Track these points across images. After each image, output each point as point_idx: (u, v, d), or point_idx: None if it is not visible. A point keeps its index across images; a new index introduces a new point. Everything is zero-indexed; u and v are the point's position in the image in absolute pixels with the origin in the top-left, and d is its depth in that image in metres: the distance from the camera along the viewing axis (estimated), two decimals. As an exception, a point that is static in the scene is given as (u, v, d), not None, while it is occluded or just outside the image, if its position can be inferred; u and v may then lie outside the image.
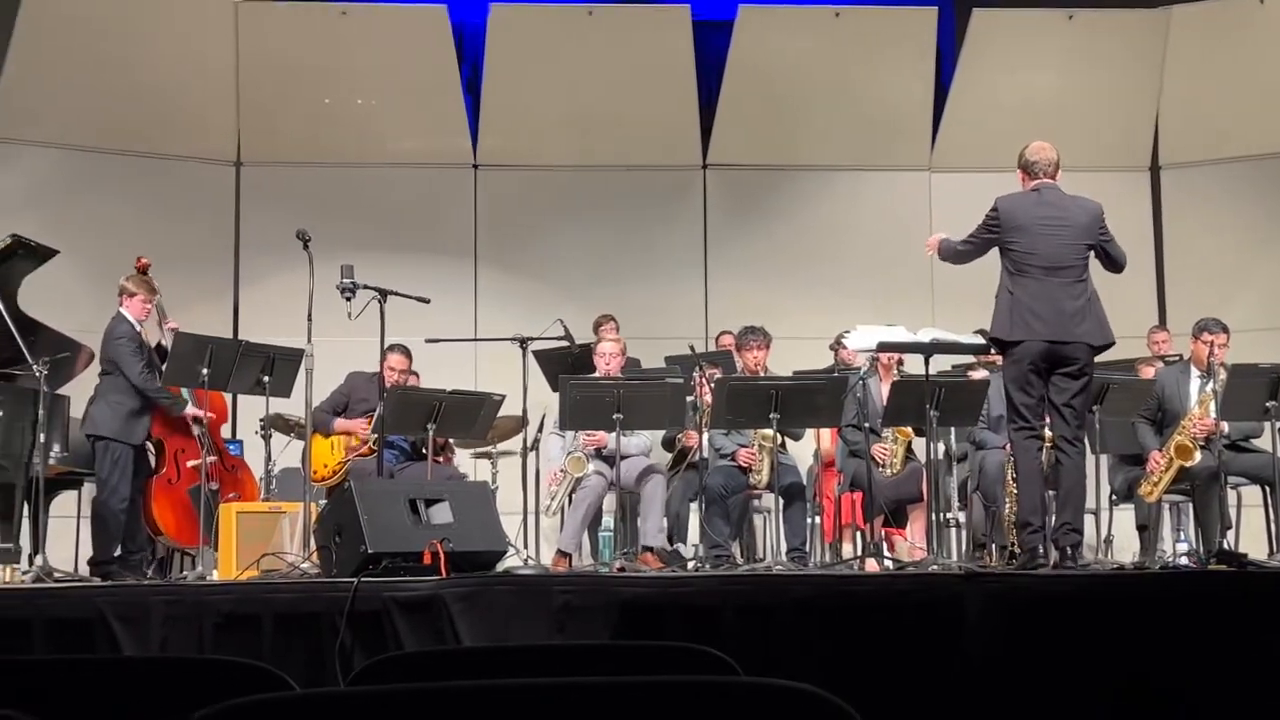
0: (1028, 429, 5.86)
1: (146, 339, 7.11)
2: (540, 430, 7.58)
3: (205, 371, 6.58)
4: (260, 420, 7.27)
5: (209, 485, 6.72)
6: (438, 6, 10.06)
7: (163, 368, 6.90)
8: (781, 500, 6.98)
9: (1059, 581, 5.16)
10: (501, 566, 5.96)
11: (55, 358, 6.69)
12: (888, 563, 6.65)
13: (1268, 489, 7.12)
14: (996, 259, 5.99)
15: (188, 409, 7.09)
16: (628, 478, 7.17)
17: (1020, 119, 9.87)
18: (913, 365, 7.12)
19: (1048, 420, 5.99)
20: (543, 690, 1.68)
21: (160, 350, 7.11)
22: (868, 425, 6.97)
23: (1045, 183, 5.95)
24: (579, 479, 7.23)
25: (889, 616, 4.81)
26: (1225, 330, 7.18)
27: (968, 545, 7.28)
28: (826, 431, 7.51)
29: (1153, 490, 7.10)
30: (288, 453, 7.84)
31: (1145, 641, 4.63)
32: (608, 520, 7.38)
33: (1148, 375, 7.75)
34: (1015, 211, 5.89)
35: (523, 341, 7.17)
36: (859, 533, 7.27)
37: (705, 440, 7.14)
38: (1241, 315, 8.73)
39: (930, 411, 6.34)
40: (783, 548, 6.91)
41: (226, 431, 8.32)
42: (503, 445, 8.06)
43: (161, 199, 9.87)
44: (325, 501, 6.64)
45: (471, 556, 5.64)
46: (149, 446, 7.11)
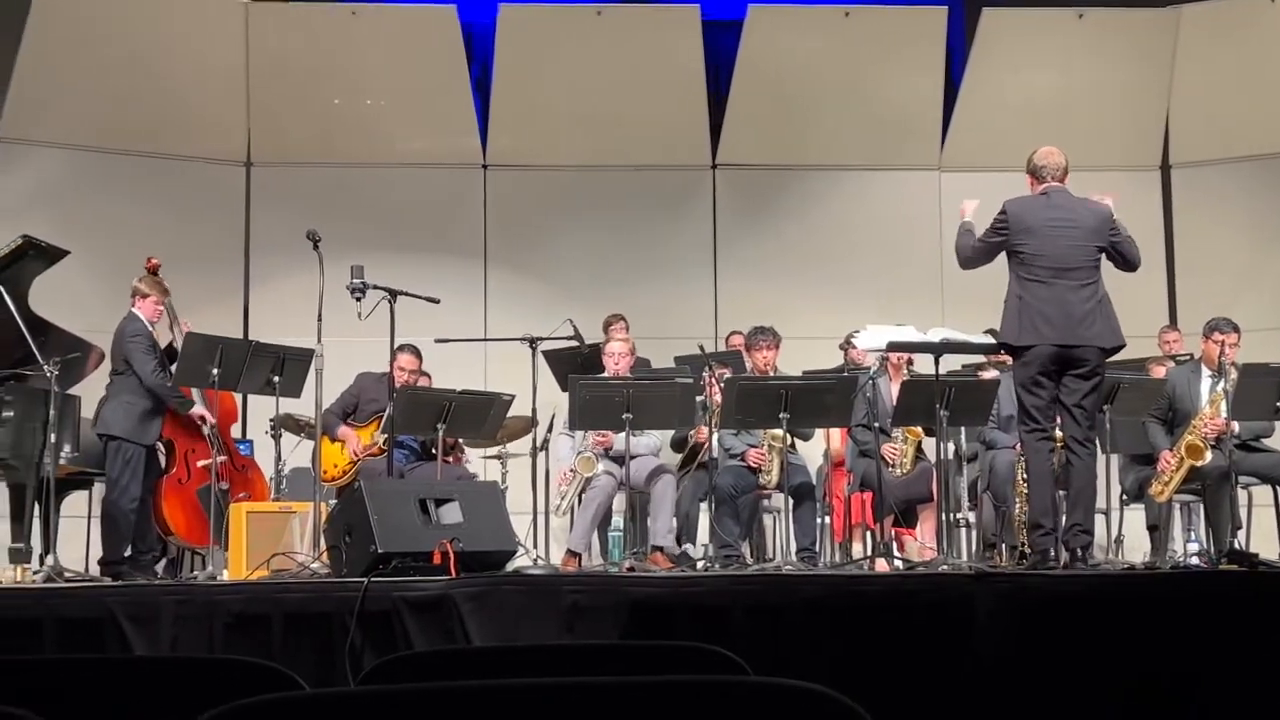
0: (1039, 430, 5.86)
1: (157, 339, 7.13)
2: (550, 430, 7.58)
3: (216, 371, 6.59)
4: (270, 420, 7.28)
5: (219, 485, 6.73)
6: (447, 7, 10.06)
7: (172, 368, 6.92)
8: (791, 500, 6.98)
9: (1069, 581, 5.15)
10: (511, 566, 5.97)
11: (66, 358, 6.70)
12: (898, 563, 6.64)
13: (1278, 489, 7.10)
14: (1005, 260, 5.99)
15: (195, 409, 7.10)
16: (637, 478, 7.17)
17: (1030, 118, 9.86)
18: (922, 365, 7.11)
19: (1058, 421, 5.98)
20: (552, 690, 1.68)
21: (171, 351, 7.13)
22: (877, 425, 6.96)
23: (1054, 186, 5.95)
24: (589, 479, 7.24)
25: (899, 616, 4.80)
26: (1236, 330, 7.17)
27: (978, 545, 7.27)
28: (836, 431, 7.50)
29: (1163, 490, 7.09)
30: (298, 452, 7.85)
31: (1156, 641, 4.62)
32: (617, 520, 7.38)
33: (1158, 375, 7.73)
34: (1023, 214, 5.88)
35: (532, 341, 7.18)
36: (869, 533, 7.26)
37: (715, 440, 7.14)
38: (1252, 314, 8.70)
39: (940, 411, 6.34)
40: (792, 548, 6.91)
41: (236, 431, 8.33)
42: (512, 445, 8.07)
43: (171, 199, 9.89)
44: (335, 501, 6.65)
45: (481, 556, 5.64)
46: (159, 446, 7.13)
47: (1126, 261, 5.98)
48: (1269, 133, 10.22)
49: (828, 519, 7.63)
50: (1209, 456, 6.89)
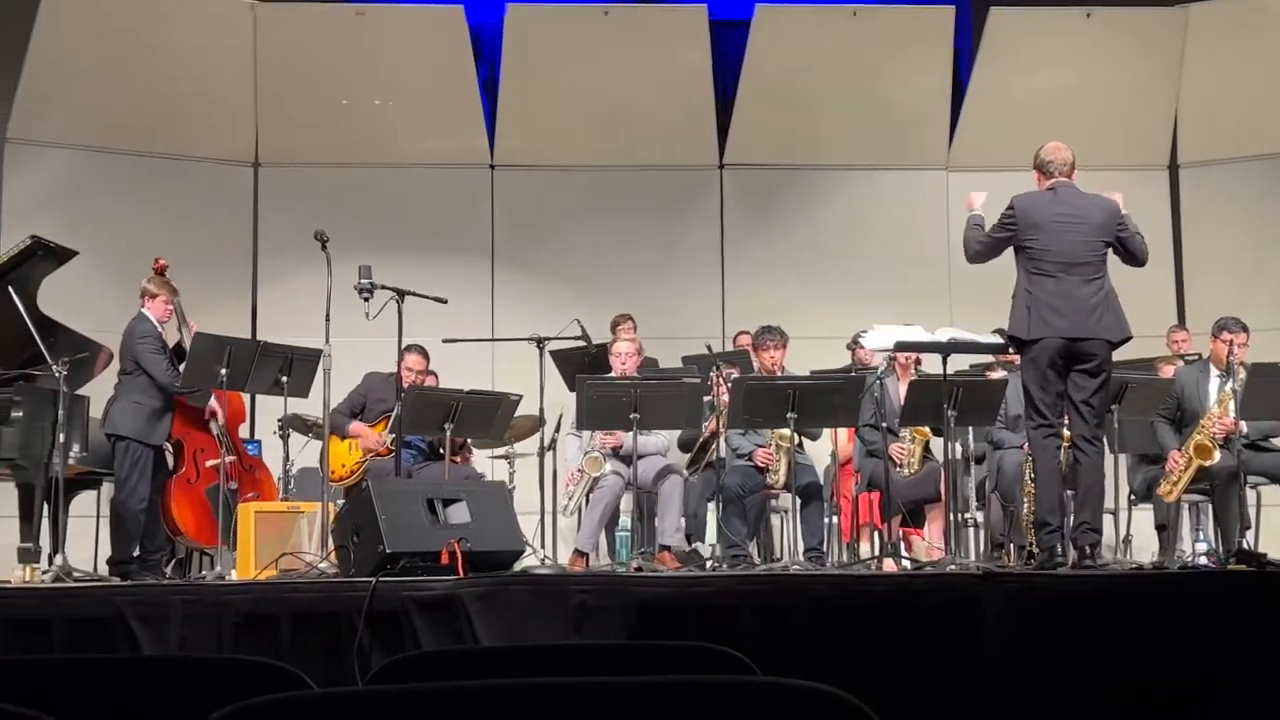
0: (1046, 427, 5.85)
1: (166, 339, 7.15)
2: (557, 430, 7.58)
3: (224, 372, 6.61)
4: (278, 420, 7.29)
5: (228, 485, 6.74)
6: (455, 7, 10.07)
7: (180, 368, 6.93)
8: (799, 500, 6.97)
9: (1077, 581, 5.15)
10: (519, 566, 5.97)
11: (75, 358, 6.70)
12: (905, 563, 6.64)
13: (1288, 488, 7.09)
14: (1013, 258, 5.98)
15: (210, 403, 7.12)
16: (645, 477, 7.17)
17: (1038, 117, 9.84)
18: (930, 365, 7.11)
19: (1066, 419, 5.98)
20: (560, 689, 1.68)
21: (180, 351, 7.14)
22: (885, 425, 6.96)
23: (1061, 181, 5.95)
24: (596, 479, 7.24)
25: (906, 616, 4.80)
26: (1245, 329, 7.15)
27: (985, 545, 7.26)
28: (844, 431, 7.50)
29: (1172, 490, 7.08)
30: (306, 452, 7.86)
31: (1164, 642, 4.61)
32: (625, 520, 7.39)
33: (1167, 374, 7.71)
34: (1031, 209, 5.88)
35: (540, 341, 7.18)
36: (876, 532, 7.26)
37: (722, 440, 7.13)
38: (1261, 314, 8.68)
39: (948, 411, 6.33)
40: (800, 547, 6.91)
41: (244, 431, 8.34)
42: (520, 445, 8.07)
43: (180, 200, 9.90)
44: (343, 501, 6.65)
45: (489, 556, 5.65)
46: (167, 447, 7.15)
47: (1133, 256, 5.97)
48: (1278, 132, 10.19)
49: (835, 519, 7.63)
50: (1218, 456, 6.88)
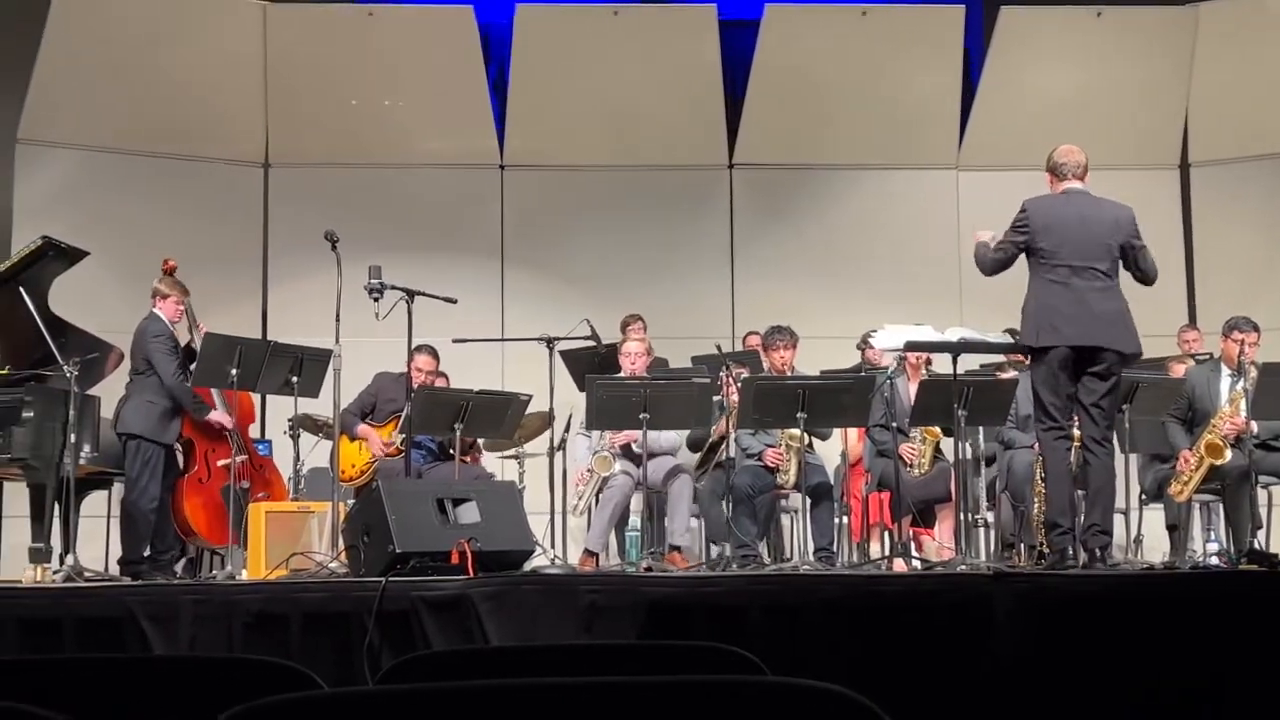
0: (1056, 428, 5.83)
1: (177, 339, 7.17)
2: (567, 430, 7.58)
3: (234, 372, 6.62)
4: (289, 420, 7.30)
5: (239, 484, 6.75)
6: (464, 7, 10.07)
7: (191, 368, 6.95)
8: (809, 500, 6.97)
9: (1088, 581, 5.13)
10: (529, 566, 5.97)
11: (85, 358, 6.72)
12: (915, 563, 6.63)
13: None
14: (1024, 261, 5.96)
15: (212, 415, 7.10)
16: (655, 477, 7.17)
17: (1048, 117, 9.83)
18: (941, 365, 7.09)
19: (1076, 420, 5.96)
20: (570, 689, 1.68)
21: (189, 352, 7.15)
22: (895, 425, 6.95)
23: (1074, 185, 5.93)
24: (606, 478, 7.24)
25: (917, 617, 4.79)
26: (1256, 328, 7.14)
27: (996, 545, 7.25)
28: (854, 431, 7.49)
29: (1183, 490, 7.06)
30: (316, 452, 7.87)
31: (1175, 642, 4.60)
32: (634, 520, 7.38)
33: (1177, 374, 7.70)
34: (1044, 213, 5.86)
35: (549, 341, 7.18)
36: (887, 532, 7.25)
37: (732, 440, 7.13)
38: (1272, 313, 8.65)
39: (958, 411, 6.32)
40: (810, 547, 6.90)
41: (255, 431, 8.36)
42: (530, 445, 8.07)
43: (190, 200, 9.92)
44: (353, 501, 6.66)
45: (499, 556, 5.65)
46: (177, 446, 7.16)
47: (1143, 273, 5.92)
48: (1289, 131, 10.18)
49: (845, 519, 7.62)
50: (1229, 455, 6.86)
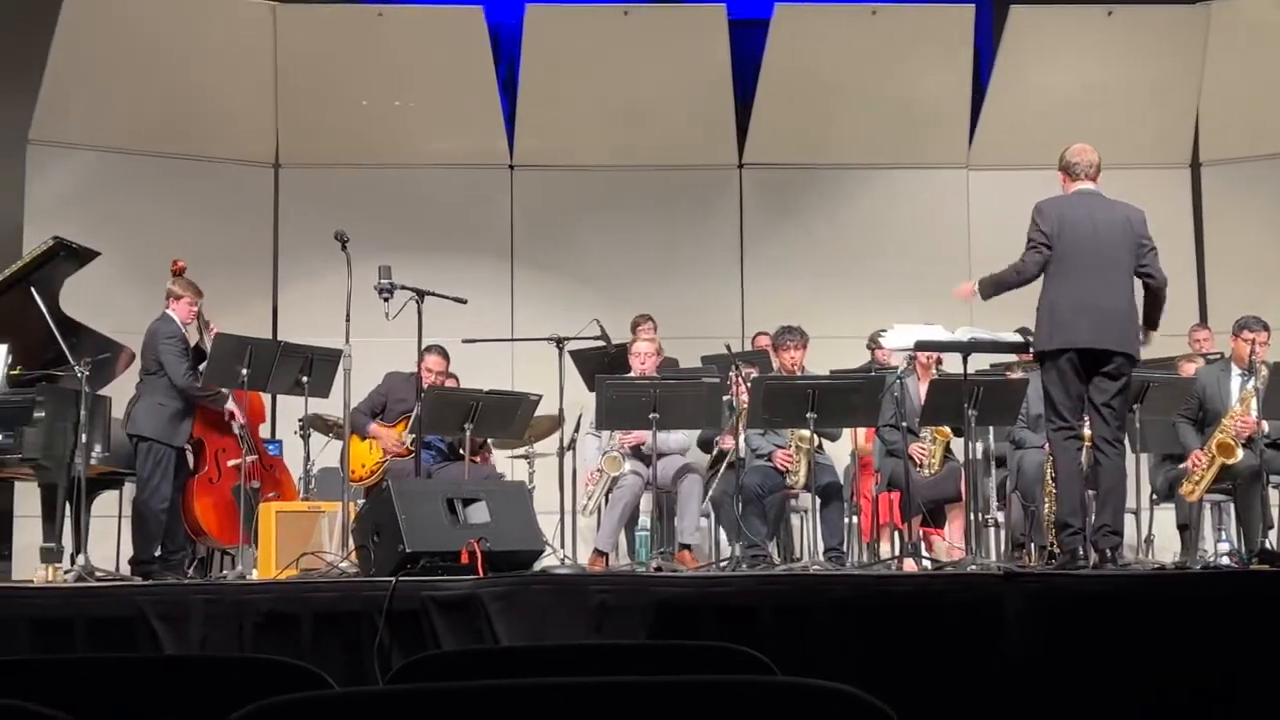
0: (1066, 429, 5.82)
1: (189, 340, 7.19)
2: (577, 430, 7.58)
3: (245, 372, 6.63)
4: (299, 420, 7.31)
5: (250, 484, 6.76)
6: (474, 8, 10.08)
7: (201, 369, 6.96)
8: (819, 500, 6.96)
9: (1098, 581, 5.12)
10: (538, 566, 5.97)
11: (97, 359, 6.74)
12: (926, 563, 6.62)
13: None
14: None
15: (228, 404, 7.14)
16: (664, 477, 7.17)
17: (1059, 116, 9.80)
18: (951, 364, 7.08)
19: (1087, 419, 5.95)
20: (580, 689, 1.68)
21: (200, 353, 7.16)
22: (905, 425, 6.94)
23: (1086, 186, 5.91)
24: (615, 478, 7.24)
25: (927, 617, 4.79)
26: (1266, 328, 7.12)
27: (1006, 545, 7.24)
28: (863, 431, 7.48)
29: (1194, 490, 7.05)
30: (326, 452, 7.88)
31: (1186, 642, 4.59)
32: (644, 520, 7.38)
33: (1188, 373, 7.68)
34: (1056, 213, 5.83)
35: (559, 341, 7.18)
36: (897, 532, 7.24)
37: (742, 440, 7.12)
38: (1283, 313, 8.63)
39: (969, 411, 6.31)
40: (820, 547, 6.90)
41: (265, 431, 8.37)
42: (539, 445, 8.07)
43: (201, 201, 9.94)
44: (364, 501, 6.67)
45: (509, 556, 5.65)
46: (187, 447, 7.17)
47: (1154, 279, 5.86)
48: (1300, 130, 10.14)
49: (855, 519, 7.61)
50: (1240, 454, 6.85)
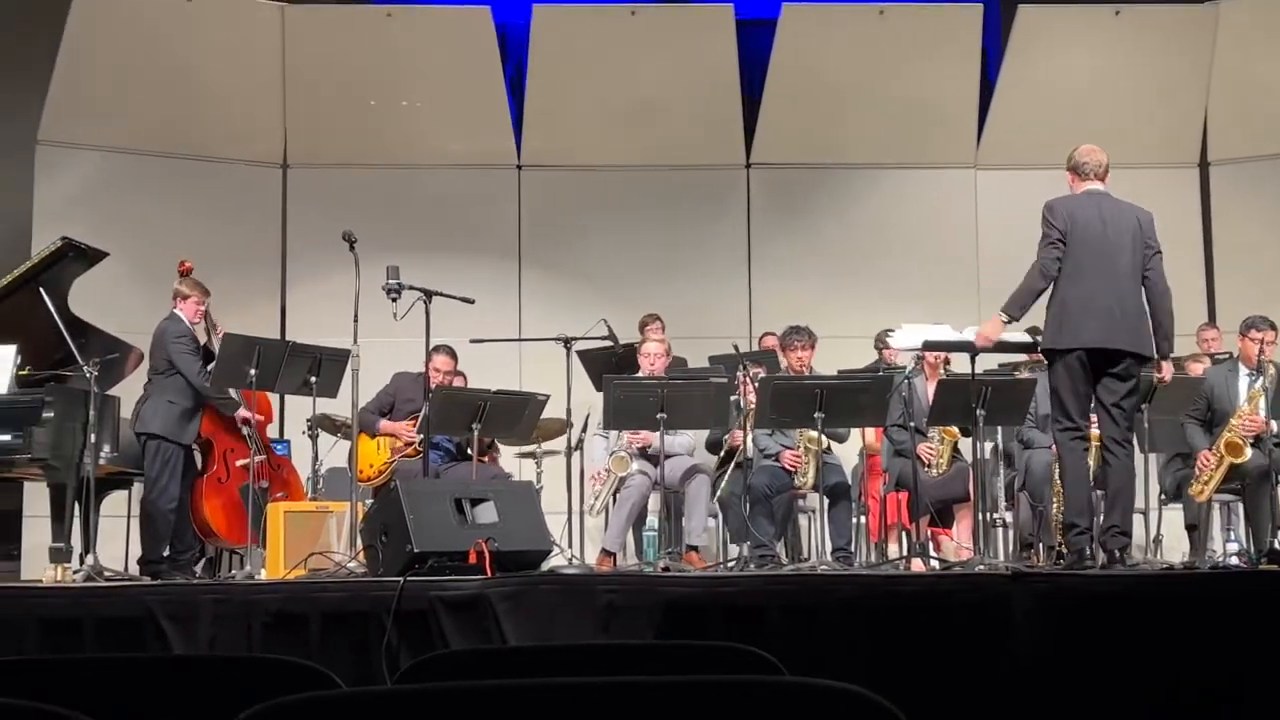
0: (1073, 429, 5.81)
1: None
2: (585, 430, 7.58)
3: (253, 372, 6.63)
4: (307, 420, 7.32)
5: (259, 484, 6.77)
6: (481, 8, 10.09)
7: (209, 369, 6.97)
8: (826, 500, 6.96)
9: (1107, 581, 5.12)
10: (546, 566, 5.97)
11: (105, 359, 6.75)
12: (934, 563, 6.62)
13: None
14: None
15: (240, 410, 7.16)
16: (672, 477, 7.17)
17: (1067, 116, 9.79)
18: (959, 364, 7.07)
19: (1093, 420, 5.94)
20: (588, 689, 1.68)
21: (208, 354, 7.17)
22: (913, 425, 6.93)
23: (1095, 186, 5.90)
24: (623, 478, 7.24)
25: (935, 617, 4.78)
26: (1273, 327, 7.11)
27: (1014, 545, 7.23)
28: (871, 431, 7.48)
29: (1203, 490, 7.03)
30: (334, 452, 7.89)
31: (1195, 642, 4.58)
32: (652, 520, 7.38)
33: (1196, 372, 7.67)
34: (1066, 212, 5.82)
35: (567, 341, 7.18)
36: (905, 533, 7.23)
37: (749, 440, 7.12)
38: (1293, 312, 8.61)
39: (977, 411, 6.30)
40: (828, 547, 6.89)
41: (273, 431, 8.38)
42: (547, 445, 8.07)
43: (209, 201, 9.96)
44: (372, 501, 6.67)
45: (516, 556, 5.65)
46: (195, 447, 7.18)
47: (1157, 286, 5.81)
48: (1309, 129, 10.12)
49: (863, 519, 7.60)
50: (1249, 453, 6.83)
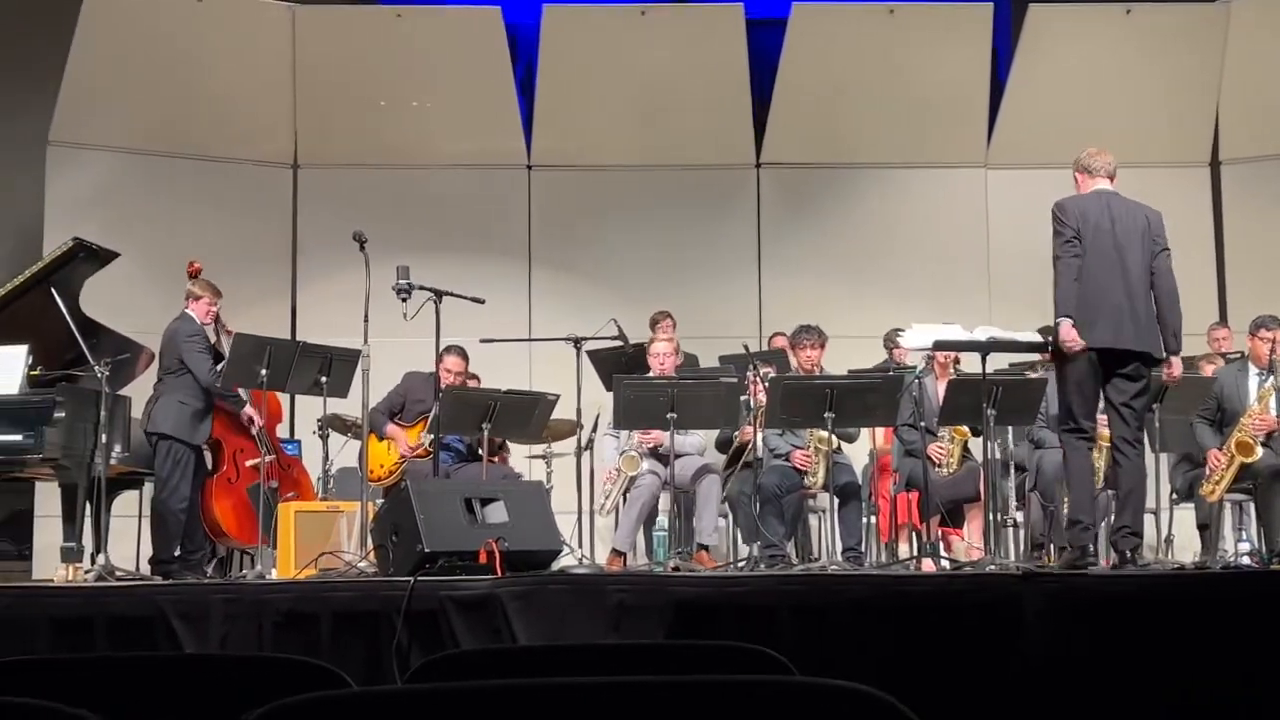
0: (1077, 430, 5.79)
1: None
2: (595, 430, 7.59)
3: (263, 372, 6.65)
4: (318, 420, 7.33)
5: (269, 484, 6.78)
6: (492, 8, 10.09)
7: (219, 368, 6.98)
8: (837, 500, 6.95)
9: (1118, 581, 5.11)
10: (556, 565, 5.98)
11: (117, 359, 6.76)
12: (944, 563, 6.61)
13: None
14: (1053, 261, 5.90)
15: (246, 409, 7.17)
16: (682, 476, 7.16)
17: (1078, 115, 9.78)
18: (970, 364, 7.06)
19: (1102, 420, 5.93)
20: (599, 689, 1.68)
21: (217, 354, 7.18)
22: (923, 424, 6.92)
23: (1104, 184, 5.89)
24: (633, 478, 7.24)
25: (945, 617, 4.77)
26: (1283, 326, 7.09)
27: (1025, 545, 7.22)
28: (881, 430, 7.47)
29: (1214, 490, 7.01)
30: (345, 452, 7.90)
31: (1207, 642, 4.57)
32: (662, 519, 7.38)
33: (1208, 373, 7.65)
34: (1078, 209, 5.81)
35: (576, 341, 7.18)
36: (915, 532, 7.22)
37: (759, 440, 7.12)
38: (1304, 311, 8.59)
39: (987, 411, 6.29)
40: (838, 547, 6.89)
41: (283, 431, 8.39)
42: (557, 445, 8.07)
43: (220, 201, 9.98)
44: (382, 501, 6.68)
45: (527, 556, 5.66)
46: (205, 447, 7.19)
47: (1160, 280, 5.81)
48: (1321, 128, 10.09)
49: (873, 519, 7.60)
50: (1260, 453, 6.82)
